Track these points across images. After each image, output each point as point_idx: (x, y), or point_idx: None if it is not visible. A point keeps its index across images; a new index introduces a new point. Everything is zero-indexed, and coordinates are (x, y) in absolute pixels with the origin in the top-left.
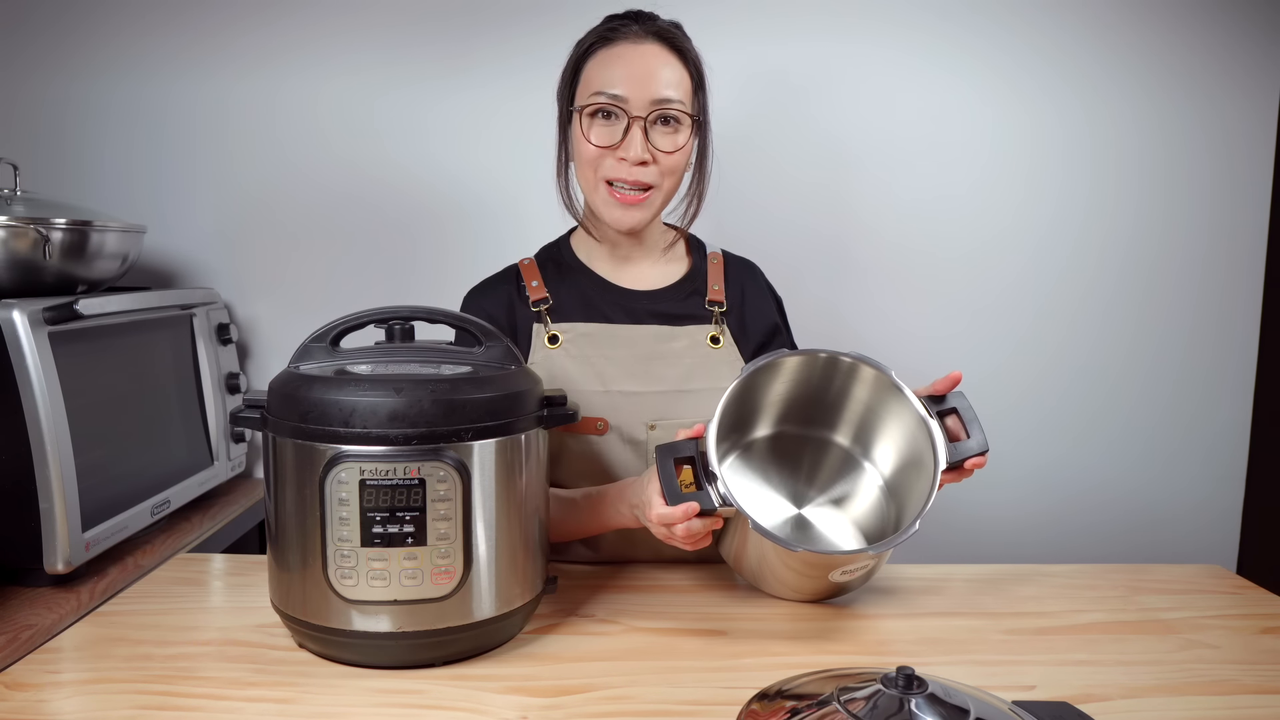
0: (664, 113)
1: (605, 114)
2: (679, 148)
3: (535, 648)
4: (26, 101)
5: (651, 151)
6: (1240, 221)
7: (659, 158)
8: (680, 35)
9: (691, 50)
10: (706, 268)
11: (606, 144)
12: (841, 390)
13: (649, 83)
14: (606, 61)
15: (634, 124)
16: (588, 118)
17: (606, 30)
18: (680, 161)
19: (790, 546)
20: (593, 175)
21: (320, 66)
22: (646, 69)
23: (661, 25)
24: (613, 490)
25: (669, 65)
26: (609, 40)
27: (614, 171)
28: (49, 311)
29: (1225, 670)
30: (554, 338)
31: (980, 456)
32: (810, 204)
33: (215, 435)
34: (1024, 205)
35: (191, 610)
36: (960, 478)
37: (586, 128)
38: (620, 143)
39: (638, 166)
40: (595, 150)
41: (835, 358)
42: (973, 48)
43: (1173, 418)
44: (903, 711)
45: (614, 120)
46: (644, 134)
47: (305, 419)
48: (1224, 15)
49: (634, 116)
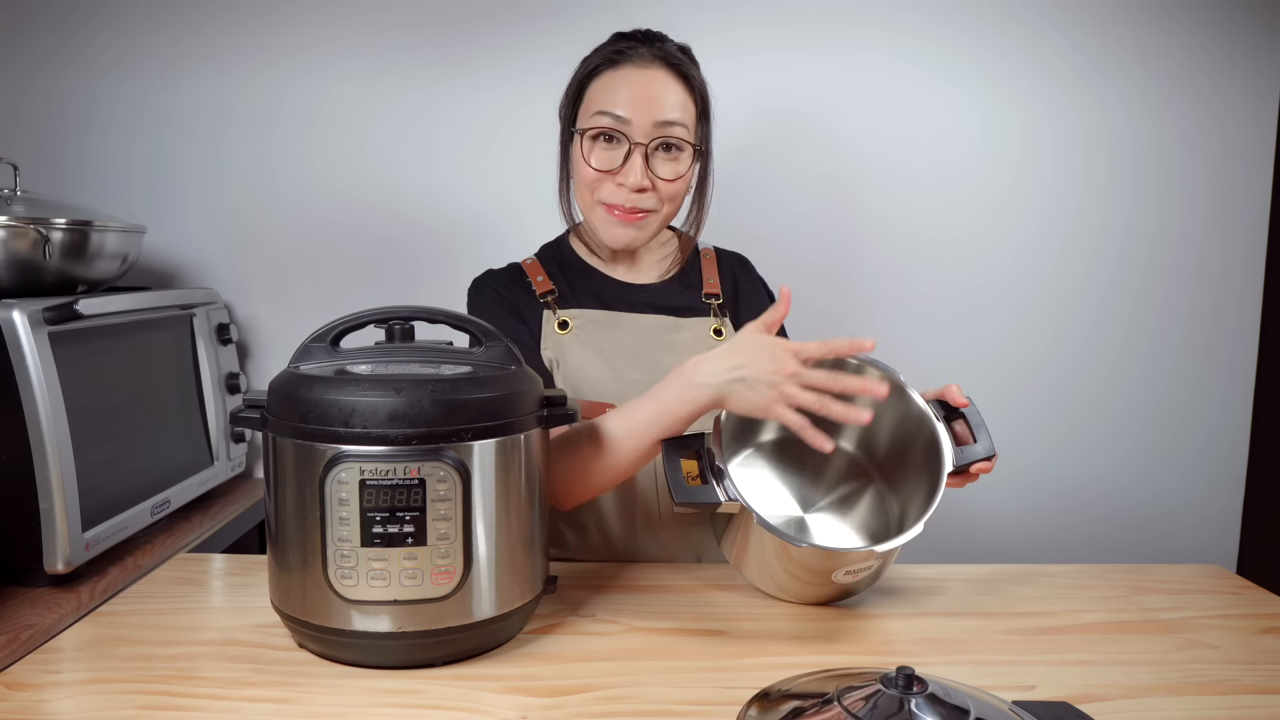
0: (666, 139)
1: (607, 137)
2: (679, 175)
3: (535, 648)
4: (27, 101)
5: (651, 178)
6: (1240, 219)
7: (658, 185)
8: (687, 61)
9: (698, 77)
10: (700, 262)
11: (606, 168)
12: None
13: (653, 108)
14: (611, 84)
15: (635, 150)
16: (589, 140)
17: (614, 52)
18: (680, 189)
19: (794, 542)
20: (589, 197)
21: (322, 69)
22: (651, 94)
23: (669, 50)
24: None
25: (674, 91)
26: (615, 62)
27: (612, 196)
28: (49, 311)
29: (1225, 670)
30: (564, 323)
31: (987, 462)
32: (808, 204)
33: (215, 435)
34: (1024, 205)
35: (191, 610)
36: (965, 482)
37: (587, 151)
38: (620, 168)
39: (636, 193)
40: (594, 174)
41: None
42: (970, 52)
43: (1173, 418)
44: (903, 711)
45: (615, 144)
46: (644, 160)
47: (305, 419)
48: (1223, 16)
49: (635, 143)
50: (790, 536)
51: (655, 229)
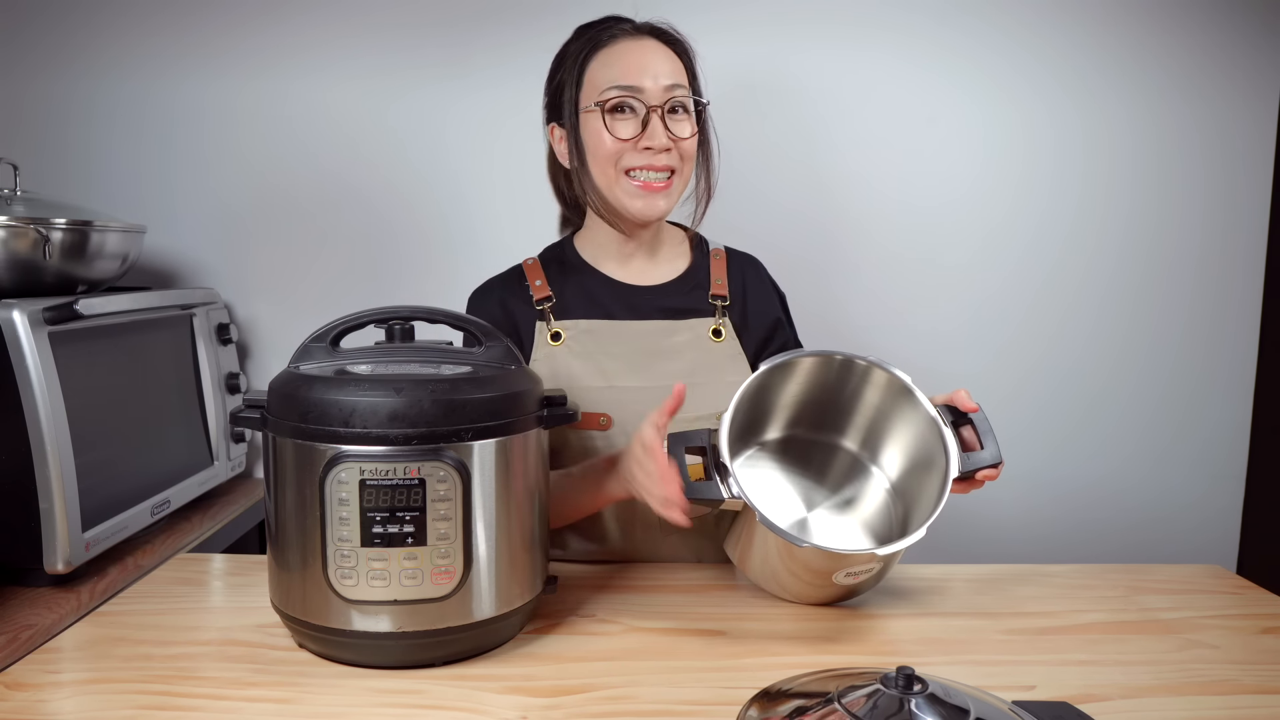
0: (674, 101)
1: (621, 108)
2: (693, 133)
3: (535, 648)
4: (27, 101)
5: (671, 138)
6: (1241, 220)
7: (678, 144)
8: (670, 28)
9: (683, 40)
10: (709, 263)
11: (629, 136)
12: (855, 393)
13: (659, 73)
14: (610, 59)
15: (652, 113)
16: (608, 113)
17: (598, 33)
18: (694, 147)
19: (797, 542)
20: (613, 170)
21: (322, 69)
22: (652, 60)
23: (652, 21)
24: (610, 459)
25: (669, 58)
26: (606, 42)
27: (637, 161)
28: (49, 311)
29: (1225, 670)
30: (556, 335)
31: (993, 469)
32: (807, 203)
33: (215, 435)
34: (1024, 206)
35: (191, 610)
36: (970, 488)
37: (609, 123)
38: (642, 134)
39: (662, 153)
40: (618, 144)
41: (851, 360)
42: (970, 52)
43: (1173, 418)
44: (903, 711)
45: (628, 114)
46: (663, 122)
47: (305, 419)
48: (1223, 16)
49: (652, 106)
50: (793, 536)
51: (678, 194)
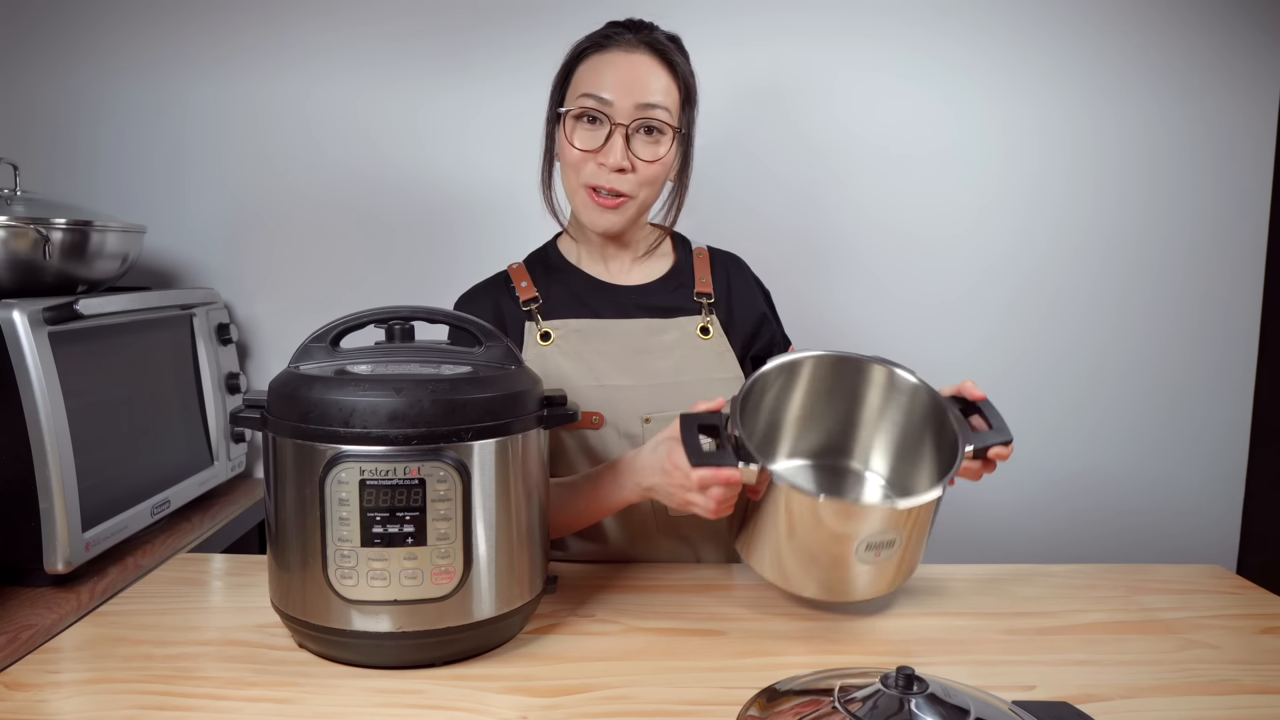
0: (647, 121)
1: (590, 118)
2: (658, 158)
3: (535, 648)
4: (28, 101)
5: (631, 160)
6: (1240, 220)
7: (638, 166)
8: (674, 50)
9: (683, 65)
10: (692, 262)
11: (589, 148)
12: (859, 393)
13: (635, 90)
14: (597, 66)
15: (615, 131)
16: (572, 120)
17: (602, 37)
18: (659, 172)
19: (816, 495)
20: (574, 179)
21: (321, 69)
22: (634, 76)
23: (656, 37)
24: (615, 467)
25: (658, 76)
26: (602, 46)
27: (594, 177)
28: (49, 311)
29: (1225, 670)
30: (546, 335)
31: (1004, 446)
32: (794, 203)
33: (215, 435)
34: (1024, 208)
35: (191, 610)
36: (984, 471)
37: (570, 131)
38: (602, 148)
39: (615, 174)
40: (578, 154)
41: (854, 359)
42: (962, 52)
43: (1173, 417)
44: (903, 711)
45: (598, 125)
46: (625, 141)
47: (305, 419)
48: (1222, 18)
49: (616, 124)
50: (808, 490)
51: (633, 215)
